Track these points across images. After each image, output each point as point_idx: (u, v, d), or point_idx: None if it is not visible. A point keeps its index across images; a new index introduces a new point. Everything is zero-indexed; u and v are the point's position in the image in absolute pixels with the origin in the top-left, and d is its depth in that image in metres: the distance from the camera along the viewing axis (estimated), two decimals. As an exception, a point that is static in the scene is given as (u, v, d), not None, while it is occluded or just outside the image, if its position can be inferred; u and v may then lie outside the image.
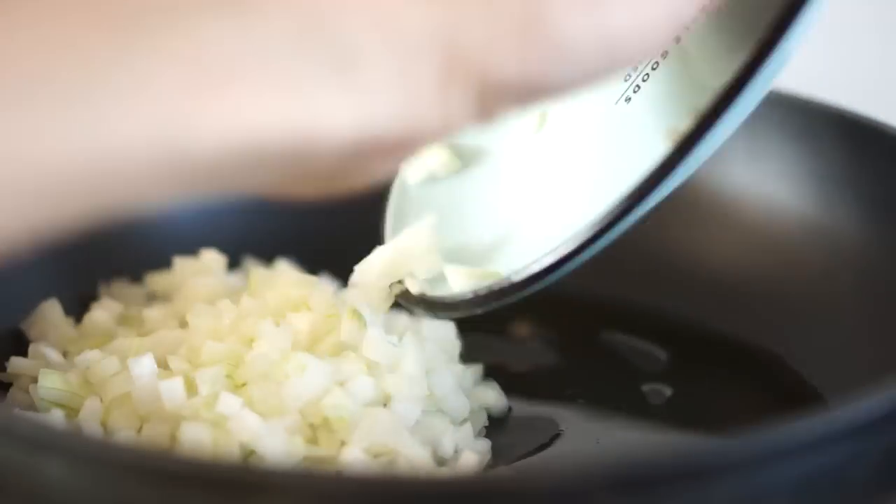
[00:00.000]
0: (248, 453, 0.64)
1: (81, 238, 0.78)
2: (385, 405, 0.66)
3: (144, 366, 0.67)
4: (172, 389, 0.65)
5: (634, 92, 0.65)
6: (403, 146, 0.51)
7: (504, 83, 0.50)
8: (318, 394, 0.65)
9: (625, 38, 0.51)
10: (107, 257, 0.79)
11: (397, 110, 0.49)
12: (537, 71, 0.50)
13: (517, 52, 0.50)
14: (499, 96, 0.51)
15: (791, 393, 0.73)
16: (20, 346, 0.73)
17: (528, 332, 0.78)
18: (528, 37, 0.49)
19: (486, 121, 0.52)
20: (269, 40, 0.47)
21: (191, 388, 0.66)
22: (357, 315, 0.66)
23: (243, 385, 0.66)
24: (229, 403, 0.64)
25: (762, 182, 0.80)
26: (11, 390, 0.70)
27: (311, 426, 0.65)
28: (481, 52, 0.49)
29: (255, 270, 0.77)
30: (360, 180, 0.52)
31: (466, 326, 0.75)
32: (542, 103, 0.53)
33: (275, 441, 0.63)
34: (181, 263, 0.78)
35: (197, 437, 0.63)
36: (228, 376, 0.66)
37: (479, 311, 0.64)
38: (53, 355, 0.71)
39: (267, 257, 0.81)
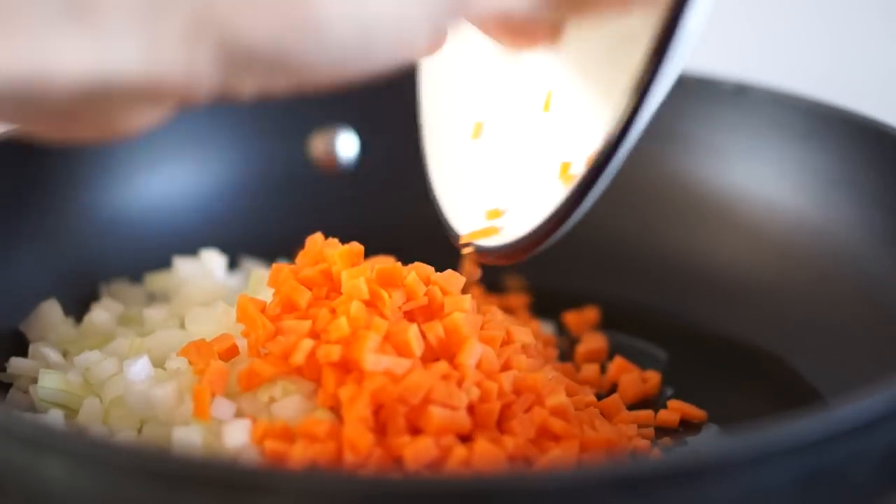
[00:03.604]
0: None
1: (81, 238, 0.79)
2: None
3: (139, 369, 0.67)
4: (164, 396, 0.65)
5: None
6: (145, 95, 0.49)
7: (252, 50, 0.49)
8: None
9: (382, 29, 0.50)
10: (107, 257, 0.79)
11: (138, 56, 0.48)
12: (287, 43, 0.49)
13: (268, 21, 0.49)
14: (246, 63, 0.50)
15: (791, 393, 0.73)
16: (20, 346, 0.73)
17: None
18: (282, 7, 0.49)
19: (234, 88, 0.51)
20: None
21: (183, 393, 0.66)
22: None
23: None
24: (222, 410, 0.64)
25: (762, 182, 0.80)
26: (11, 390, 0.70)
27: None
28: (231, 12, 0.49)
29: (255, 270, 0.77)
30: (105, 127, 0.51)
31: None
32: (295, 81, 0.51)
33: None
34: (181, 263, 0.78)
35: (189, 441, 0.63)
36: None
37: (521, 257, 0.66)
38: (53, 355, 0.71)
39: (267, 257, 0.81)
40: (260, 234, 0.83)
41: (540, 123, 0.67)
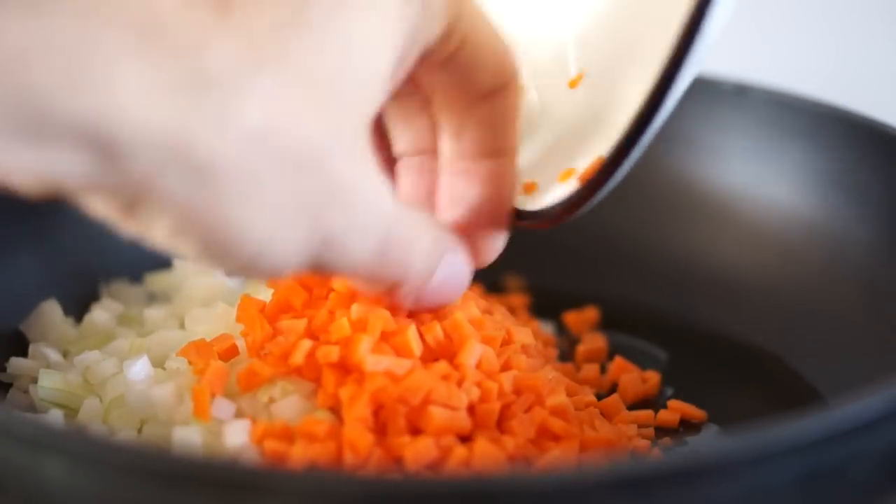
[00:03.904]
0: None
1: (81, 238, 0.79)
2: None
3: (139, 369, 0.67)
4: (164, 396, 0.65)
5: None
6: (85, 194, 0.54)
7: (174, 222, 0.57)
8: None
9: (263, 258, 0.56)
10: (107, 257, 0.79)
11: (84, 175, 0.52)
12: (198, 244, 0.58)
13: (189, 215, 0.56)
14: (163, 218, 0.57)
15: (791, 393, 0.73)
16: (20, 346, 0.73)
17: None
18: (204, 226, 0.56)
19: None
20: None
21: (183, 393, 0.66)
22: None
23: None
24: (222, 410, 0.64)
25: (762, 182, 0.80)
26: (11, 390, 0.70)
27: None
28: (164, 190, 0.54)
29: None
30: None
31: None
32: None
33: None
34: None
35: (189, 441, 0.63)
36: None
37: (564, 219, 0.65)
38: (53, 355, 0.71)
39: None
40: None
41: (571, 97, 0.67)
